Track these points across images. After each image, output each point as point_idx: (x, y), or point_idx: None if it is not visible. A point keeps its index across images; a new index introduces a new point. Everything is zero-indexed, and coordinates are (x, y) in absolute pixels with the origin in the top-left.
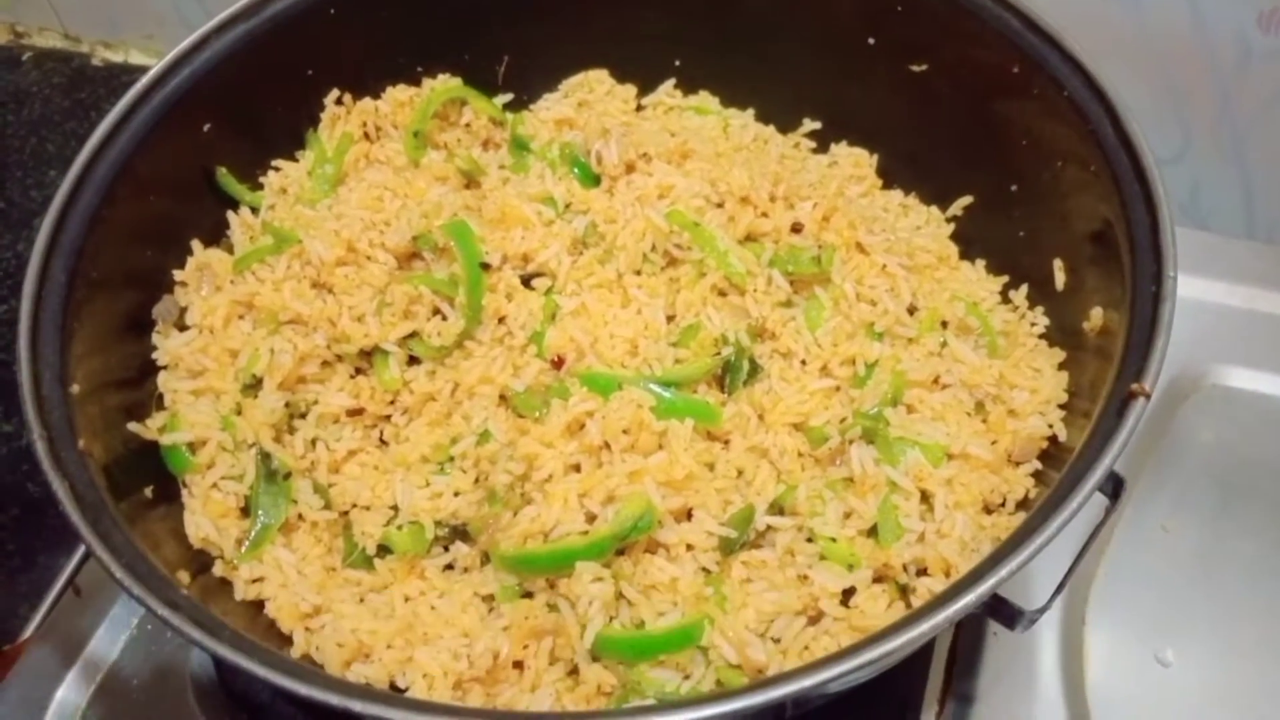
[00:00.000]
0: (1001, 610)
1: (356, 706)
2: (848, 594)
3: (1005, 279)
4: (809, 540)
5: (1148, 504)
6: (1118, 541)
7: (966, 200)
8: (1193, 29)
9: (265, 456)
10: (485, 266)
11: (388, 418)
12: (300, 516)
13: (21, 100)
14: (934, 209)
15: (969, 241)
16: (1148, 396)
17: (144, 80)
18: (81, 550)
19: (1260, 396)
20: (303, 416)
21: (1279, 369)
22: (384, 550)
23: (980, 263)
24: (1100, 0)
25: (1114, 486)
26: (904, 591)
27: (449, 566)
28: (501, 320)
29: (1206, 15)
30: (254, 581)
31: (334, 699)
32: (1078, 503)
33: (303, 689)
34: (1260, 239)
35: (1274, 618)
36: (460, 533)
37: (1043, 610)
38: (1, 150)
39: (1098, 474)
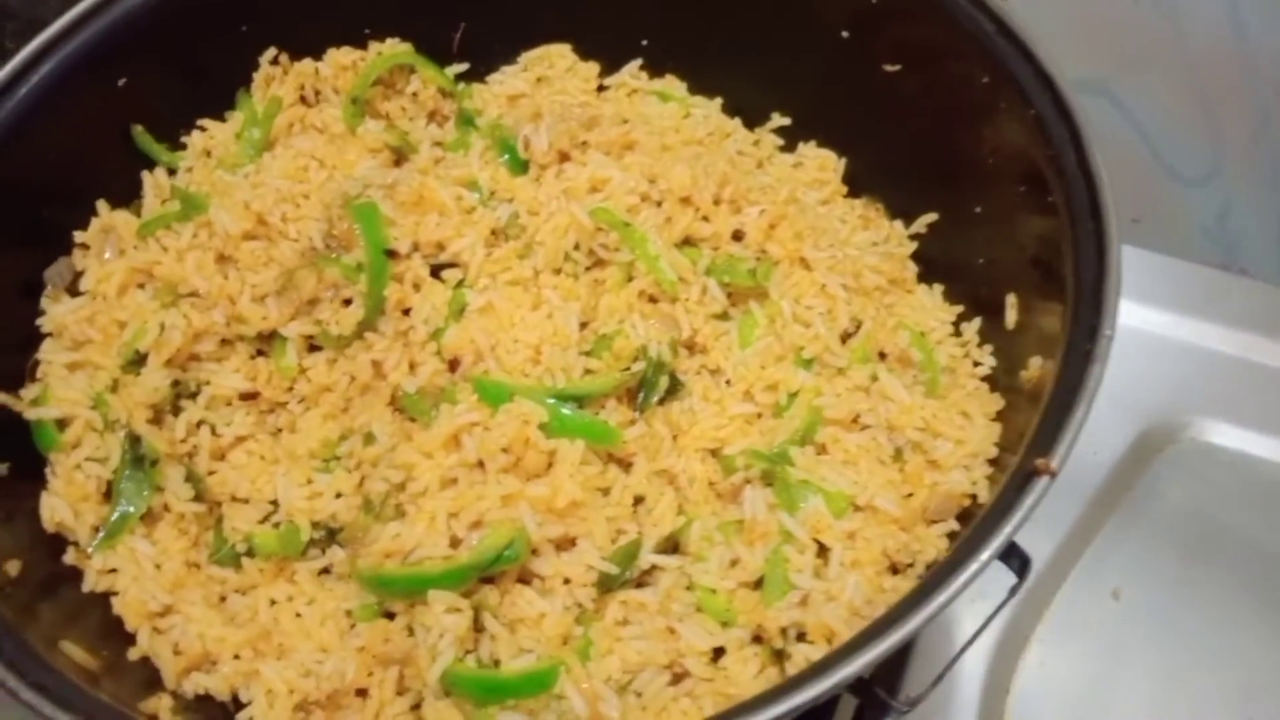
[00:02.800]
0: (870, 698)
1: None
2: (719, 652)
3: (960, 309)
4: (688, 588)
5: (1101, 566)
6: (1060, 604)
7: (932, 217)
8: (1234, 42)
9: (134, 440)
10: (392, 253)
11: (284, 405)
12: (166, 507)
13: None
14: (898, 224)
15: (930, 263)
16: (1053, 475)
17: (53, 27)
18: None
19: (1242, 456)
20: (192, 397)
21: (1267, 428)
22: (254, 549)
23: (938, 288)
24: (1136, 5)
25: (1020, 564)
26: (779, 657)
27: (324, 571)
28: (405, 313)
29: (1249, 29)
30: (106, 573)
31: None
32: (960, 582)
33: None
34: None
35: (1220, 701)
36: (336, 536)
37: (915, 703)
38: None
39: (986, 553)
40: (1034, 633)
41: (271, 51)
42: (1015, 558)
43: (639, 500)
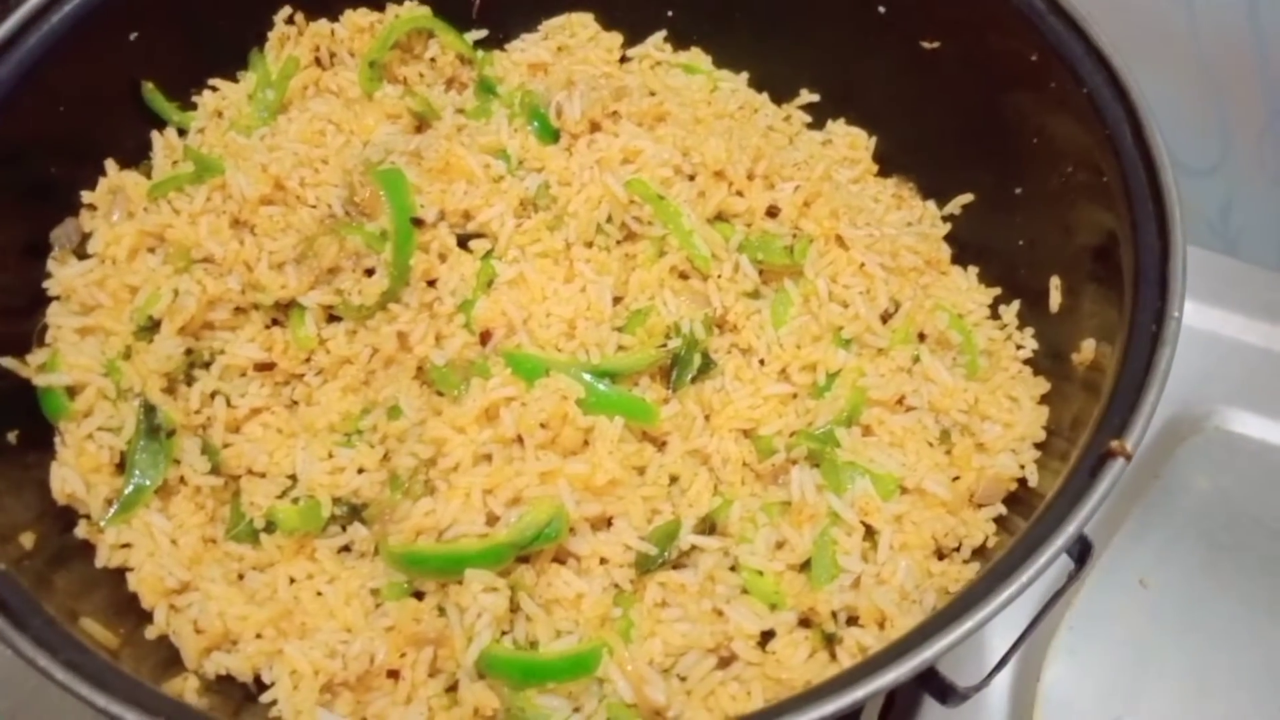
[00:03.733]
0: (932, 684)
1: None
2: (766, 636)
3: (997, 291)
4: (733, 569)
5: (1129, 553)
6: (1088, 593)
7: (967, 198)
8: (1248, 33)
9: (149, 409)
10: (418, 222)
11: (300, 377)
12: (182, 480)
13: None
14: (931, 205)
15: (964, 245)
16: (1128, 458)
17: None
18: None
19: (1267, 446)
20: (205, 366)
21: None
22: (273, 526)
23: (973, 270)
24: None
25: (1081, 550)
26: (829, 641)
27: (345, 549)
28: (431, 283)
29: (1265, 21)
30: (120, 547)
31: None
32: (1031, 574)
33: (101, 701)
34: None
35: (1247, 690)
36: (359, 513)
37: (978, 688)
38: None
39: (1058, 542)
40: (1064, 619)
41: (286, 10)
42: (1077, 545)
43: (673, 480)
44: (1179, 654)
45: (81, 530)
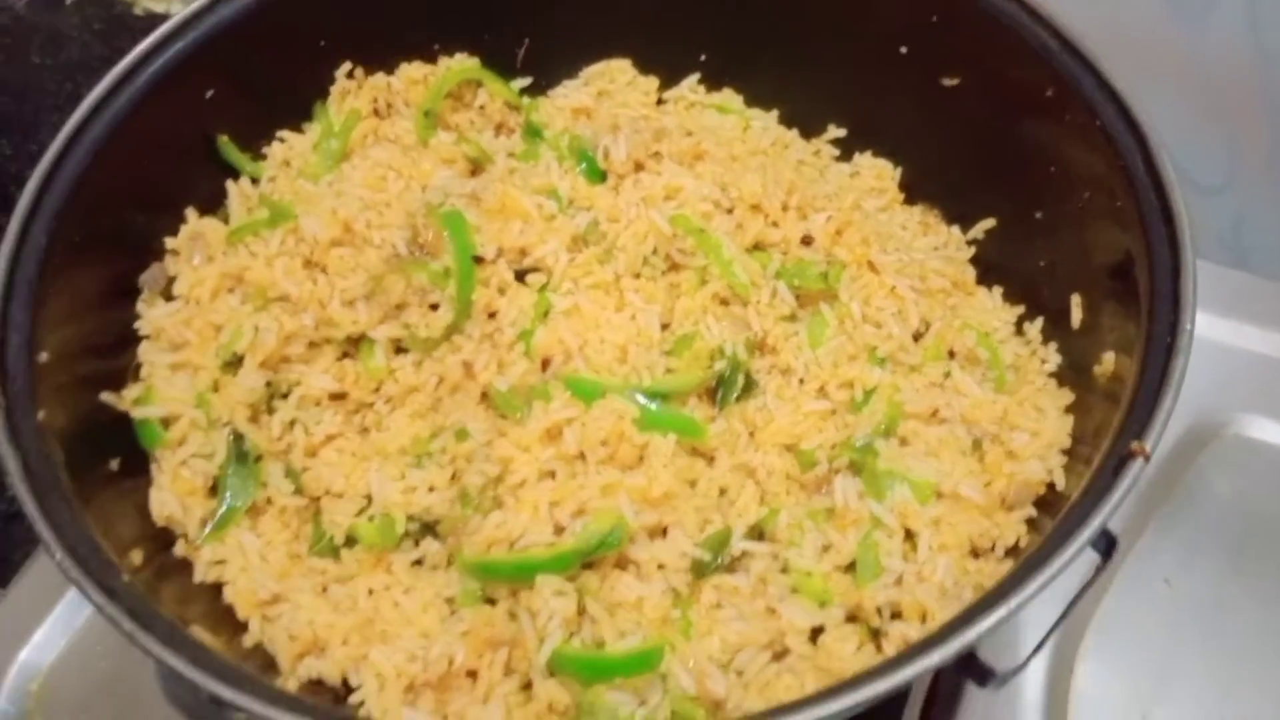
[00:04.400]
0: (973, 667)
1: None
2: (816, 631)
3: (1021, 309)
4: (783, 571)
5: (1153, 554)
6: (1116, 592)
7: (989, 223)
8: (1252, 53)
9: (238, 437)
10: (478, 259)
11: (371, 405)
12: (269, 501)
13: (60, 44)
14: (955, 230)
15: (988, 267)
16: (1147, 458)
17: (149, 40)
18: None
19: None
20: (284, 397)
21: None
22: (352, 541)
23: (997, 290)
24: (1158, 16)
25: (1106, 545)
26: (875, 635)
27: (417, 562)
28: (492, 315)
29: (1268, 40)
30: (215, 564)
31: (257, 707)
32: (1060, 564)
33: (228, 693)
34: None
35: (1273, 684)
36: (431, 529)
37: (1017, 671)
38: (37, 93)
39: (1085, 535)
40: (1093, 618)
41: (347, 66)
42: (1102, 540)
43: (722, 492)
44: (1204, 652)
45: (180, 549)
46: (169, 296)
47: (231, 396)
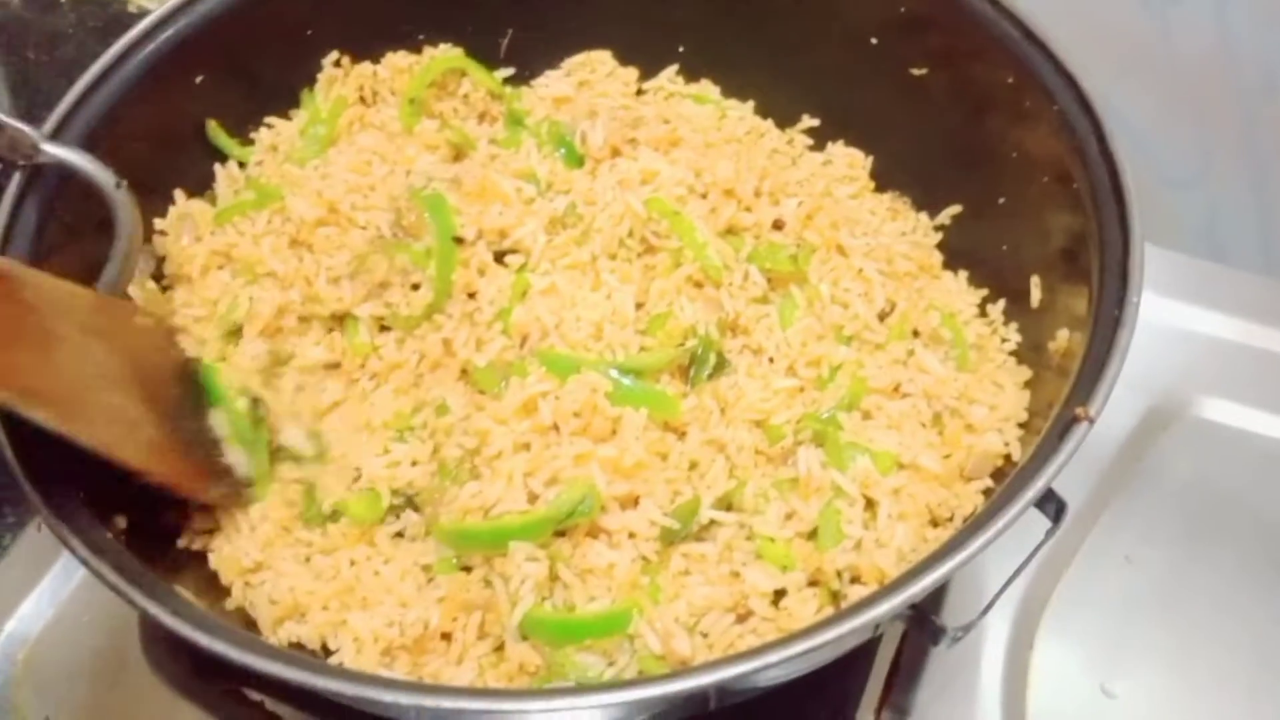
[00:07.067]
0: (923, 625)
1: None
2: (779, 595)
3: (985, 292)
4: (748, 539)
5: (1114, 532)
6: (1078, 567)
7: (956, 209)
8: (1220, 49)
9: (255, 402)
10: (459, 241)
11: (356, 381)
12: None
13: (56, 42)
14: (923, 216)
15: (955, 252)
16: (1091, 421)
17: (140, 26)
18: None
19: (1242, 433)
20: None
21: (1264, 405)
22: (338, 515)
23: (963, 274)
24: (1126, 13)
25: (1056, 509)
26: (835, 598)
27: (399, 535)
28: (472, 295)
29: (1235, 36)
30: (204, 532)
31: (237, 654)
32: (1004, 523)
33: (211, 643)
34: (1278, 273)
35: (1228, 659)
36: (412, 502)
37: (967, 628)
38: (31, 91)
39: (1029, 495)
40: (1052, 595)
41: (334, 55)
42: (1052, 504)
43: (693, 465)
44: (1162, 625)
45: (171, 515)
46: (158, 278)
47: (239, 364)
